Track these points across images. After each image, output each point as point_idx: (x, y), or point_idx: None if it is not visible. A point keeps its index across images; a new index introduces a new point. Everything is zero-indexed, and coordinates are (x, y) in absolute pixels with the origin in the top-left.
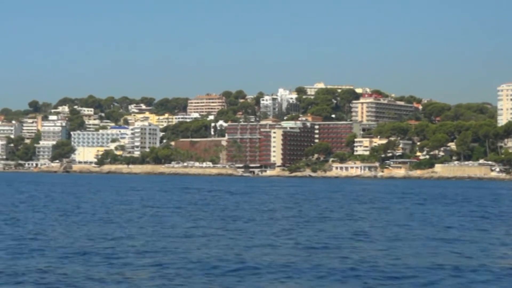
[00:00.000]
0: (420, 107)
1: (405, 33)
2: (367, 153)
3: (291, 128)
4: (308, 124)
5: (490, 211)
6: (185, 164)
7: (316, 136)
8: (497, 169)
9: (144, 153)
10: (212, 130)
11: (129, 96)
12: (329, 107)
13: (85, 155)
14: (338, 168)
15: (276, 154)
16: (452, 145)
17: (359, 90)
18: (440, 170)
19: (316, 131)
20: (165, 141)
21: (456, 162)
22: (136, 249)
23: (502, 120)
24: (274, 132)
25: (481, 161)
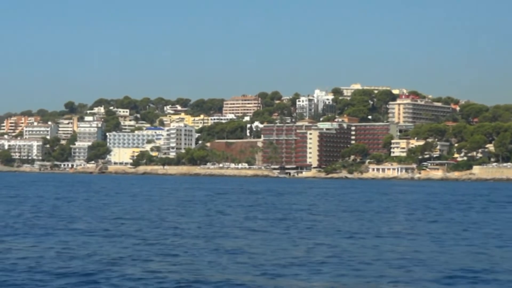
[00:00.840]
0: (458, 108)
1: (442, 33)
2: (404, 154)
3: (327, 129)
4: (345, 125)
5: None
6: (220, 165)
7: (353, 137)
8: None
9: (180, 154)
10: (248, 131)
11: (164, 97)
12: (365, 108)
13: (120, 156)
14: (374, 169)
15: (312, 156)
16: (490, 146)
17: (395, 91)
18: (478, 172)
19: (353, 132)
20: (200, 142)
21: (495, 164)
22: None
23: None
24: (310, 133)
25: None
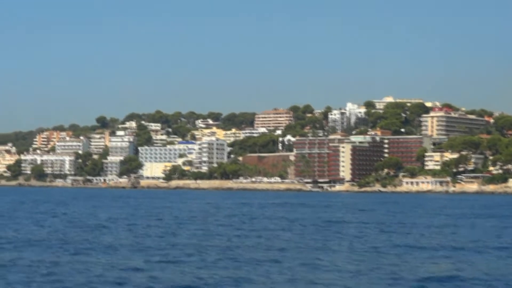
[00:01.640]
0: (492, 120)
1: (475, 45)
2: (438, 167)
3: (360, 142)
4: (377, 139)
5: None
6: (253, 179)
7: (386, 150)
8: None
9: (212, 168)
10: (280, 145)
11: (196, 111)
12: (398, 121)
13: (152, 170)
14: (408, 183)
15: (345, 169)
16: None
17: (428, 104)
18: None
19: (386, 145)
20: (232, 156)
21: None
22: None
23: None
24: (343, 147)
25: None
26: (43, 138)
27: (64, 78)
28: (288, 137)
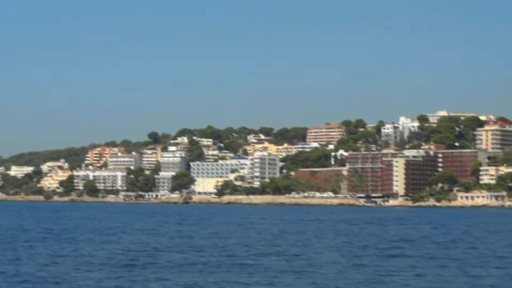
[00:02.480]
0: None
1: None
2: (493, 181)
3: (413, 156)
4: (431, 153)
5: None
6: (305, 194)
7: (440, 164)
8: None
9: (264, 183)
10: (332, 159)
11: (247, 126)
12: (452, 135)
13: (204, 186)
14: (463, 197)
15: (398, 184)
16: None
17: (483, 118)
18: None
19: (440, 159)
20: (284, 171)
21: None
22: None
23: None
24: (397, 161)
25: None
26: (95, 154)
27: (116, 94)
28: (341, 151)
